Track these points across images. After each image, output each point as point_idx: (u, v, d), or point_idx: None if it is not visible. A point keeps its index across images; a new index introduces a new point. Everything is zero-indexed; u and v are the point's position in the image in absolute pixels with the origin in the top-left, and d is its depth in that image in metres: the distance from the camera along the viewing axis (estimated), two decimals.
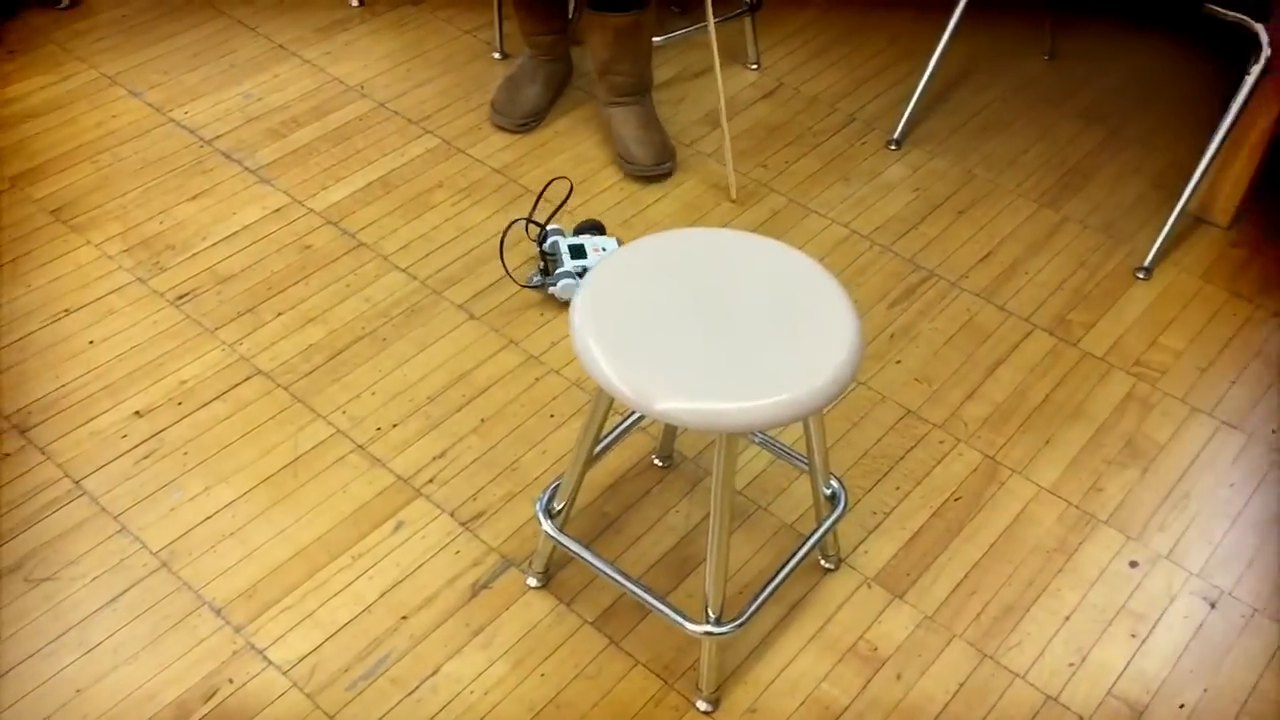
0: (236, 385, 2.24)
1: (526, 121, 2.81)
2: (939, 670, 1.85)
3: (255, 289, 2.42)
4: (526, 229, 2.53)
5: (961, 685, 1.83)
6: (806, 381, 1.50)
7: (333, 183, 2.67)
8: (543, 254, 2.43)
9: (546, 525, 1.85)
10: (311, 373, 2.27)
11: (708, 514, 2.07)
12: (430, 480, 2.11)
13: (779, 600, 1.94)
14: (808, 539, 1.84)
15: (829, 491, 1.89)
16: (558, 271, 2.38)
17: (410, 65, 3.01)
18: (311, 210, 2.60)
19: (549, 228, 2.44)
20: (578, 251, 2.40)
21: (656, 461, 2.15)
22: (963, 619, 1.92)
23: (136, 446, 2.13)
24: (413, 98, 2.91)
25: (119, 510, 2.04)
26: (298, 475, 2.11)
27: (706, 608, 1.72)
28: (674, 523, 2.05)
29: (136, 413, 2.18)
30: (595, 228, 2.48)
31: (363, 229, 2.56)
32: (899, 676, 1.84)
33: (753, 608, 1.75)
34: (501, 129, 2.83)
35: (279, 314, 2.37)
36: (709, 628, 1.72)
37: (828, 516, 1.87)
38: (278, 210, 2.60)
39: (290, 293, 2.42)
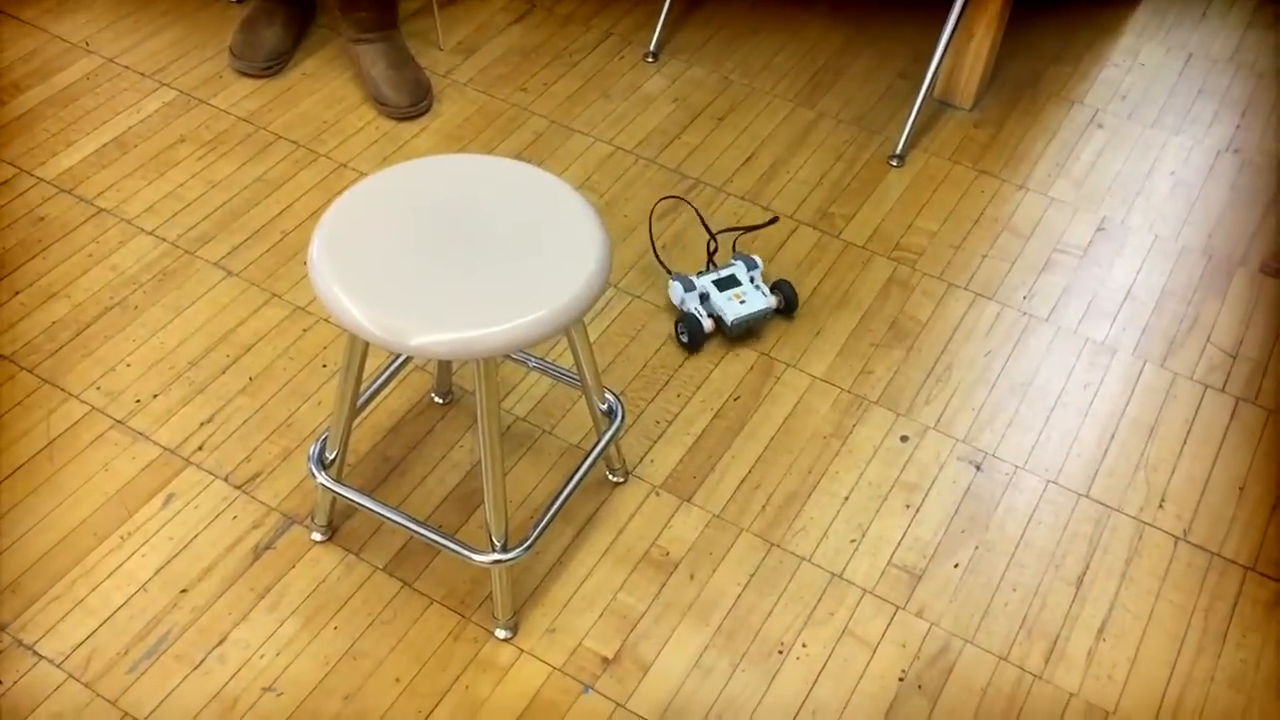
0: None
1: (270, 65, 2.68)
2: (730, 565, 1.90)
3: None
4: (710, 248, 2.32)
5: (752, 575, 1.88)
6: (556, 297, 1.49)
7: (63, 148, 2.50)
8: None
9: (321, 477, 1.80)
10: (58, 351, 2.14)
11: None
12: (199, 448, 2.02)
13: (570, 519, 1.95)
14: (587, 456, 1.84)
15: (605, 407, 1.89)
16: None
17: (137, 16, 2.83)
18: (42, 180, 2.43)
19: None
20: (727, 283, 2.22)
21: (436, 399, 2.11)
22: (749, 513, 1.97)
23: None
24: (144, 50, 2.74)
25: None
26: (54, 459, 1.99)
27: (490, 536, 1.70)
28: (458, 459, 2.03)
29: None
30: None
31: (101, 194, 2.41)
32: (692, 576, 1.88)
33: (537, 531, 1.75)
34: (244, 75, 2.70)
35: (16, 293, 2.22)
36: (496, 556, 1.71)
37: (606, 431, 1.87)
38: (5, 183, 2.42)
39: (27, 269, 2.26)
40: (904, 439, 2.08)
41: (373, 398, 1.91)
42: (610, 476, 2.01)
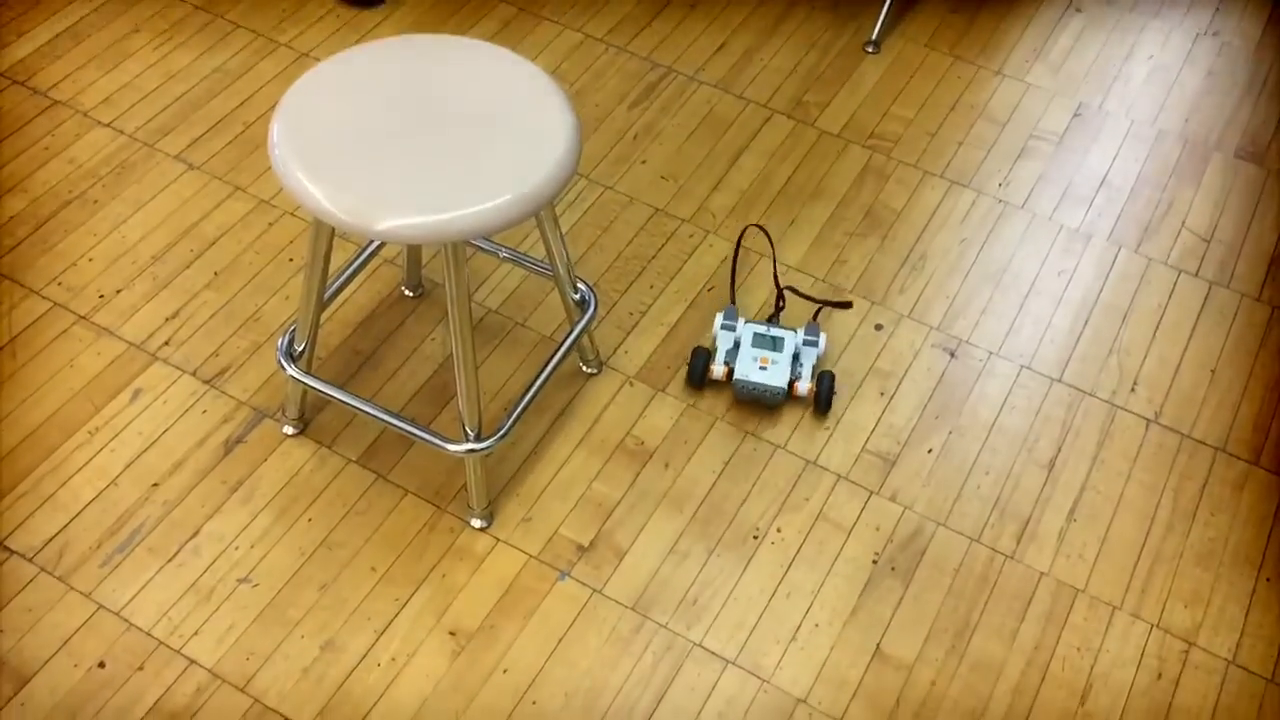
0: None
1: None
2: (704, 453, 1.89)
3: None
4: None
5: (726, 464, 1.88)
6: (526, 179, 1.46)
7: (14, 38, 2.41)
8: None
9: (290, 369, 1.77)
10: (16, 246, 2.09)
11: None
12: (165, 343, 1.99)
13: (545, 410, 1.94)
14: (560, 345, 1.83)
15: (577, 297, 1.87)
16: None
17: None
18: None
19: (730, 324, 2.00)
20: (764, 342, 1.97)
21: (406, 292, 2.08)
22: (722, 402, 1.96)
23: None
24: None
25: None
26: (16, 356, 1.95)
27: (464, 427, 1.69)
28: (430, 351, 2.01)
29: None
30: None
31: (55, 85, 2.33)
32: (667, 465, 1.88)
33: (510, 420, 1.74)
34: None
35: None
36: (470, 445, 1.70)
37: (579, 321, 1.85)
38: None
39: None
40: (878, 327, 2.07)
41: (341, 290, 1.88)
42: (584, 368, 1.99)
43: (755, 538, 1.80)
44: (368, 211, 1.42)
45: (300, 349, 1.77)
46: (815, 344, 1.97)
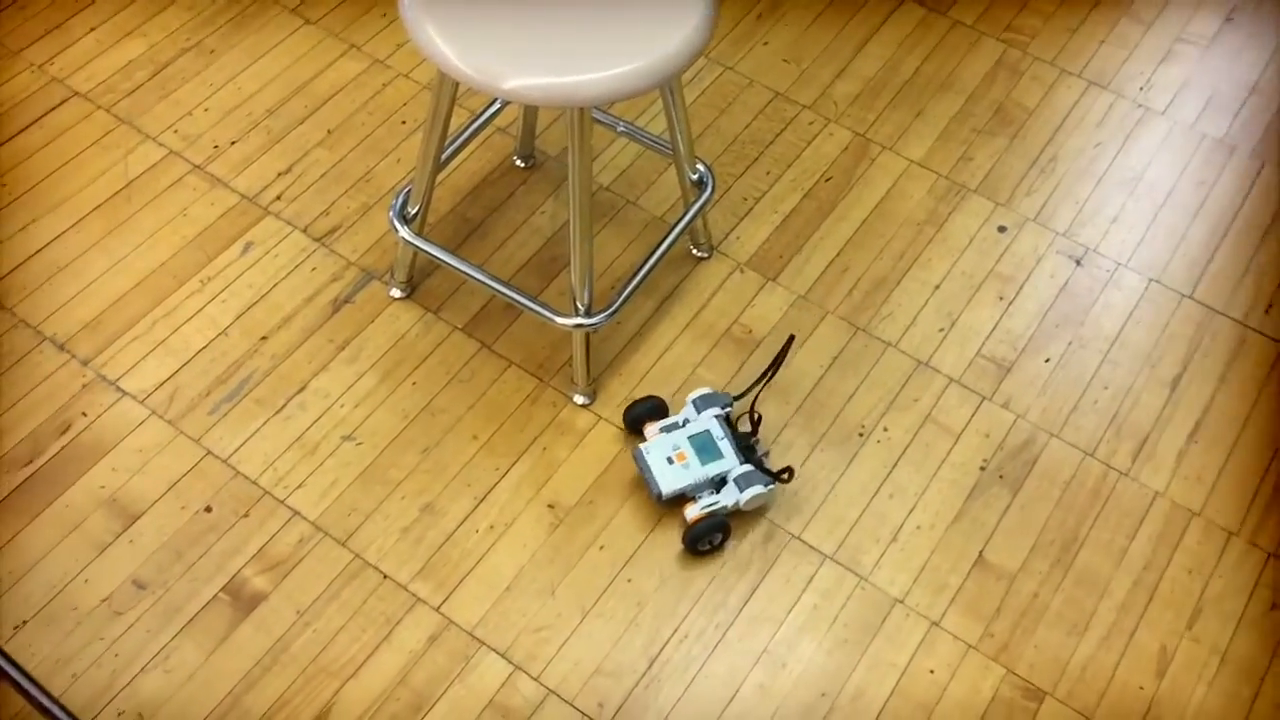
0: (52, 109, 2.05)
1: None
2: (813, 346, 1.85)
3: (62, 2, 2.18)
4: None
5: (835, 358, 1.84)
6: (656, 49, 1.40)
7: None
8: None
9: (403, 231, 1.76)
10: (134, 91, 2.08)
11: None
12: (277, 197, 1.98)
13: (652, 292, 1.90)
14: (676, 225, 1.78)
15: (695, 176, 1.82)
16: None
17: None
18: None
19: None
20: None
21: (518, 162, 2.04)
22: (835, 296, 1.91)
23: None
24: None
25: None
26: (132, 201, 1.96)
27: (574, 300, 1.67)
28: (539, 224, 1.98)
29: None
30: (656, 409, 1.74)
31: None
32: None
33: (620, 298, 1.71)
34: None
35: (91, 29, 2.15)
36: (578, 320, 1.68)
37: (695, 201, 1.81)
38: None
39: (100, 5, 2.18)
40: (1002, 229, 1.99)
41: (453, 157, 1.85)
42: (694, 251, 1.95)
43: (861, 435, 1.77)
44: (496, 70, 1.38)
45: (414, 212, 1.75)
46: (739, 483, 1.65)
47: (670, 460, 1.65)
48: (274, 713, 1.50)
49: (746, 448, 1.67)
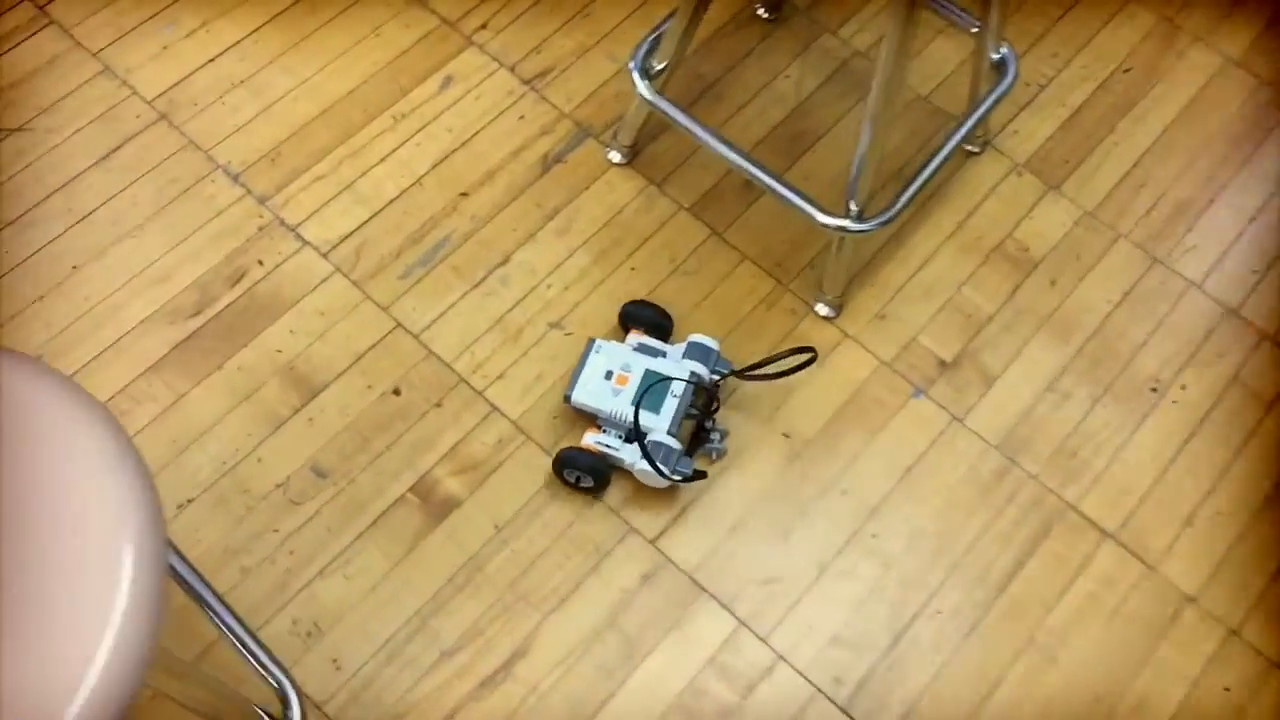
0: None
1: None
2: (1100, 275, 1.57)
3: None
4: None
5: (1126, 294, 1.56)
6: None
7: None
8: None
9: (643, 87, 1.48)
10: None
11: (823, 81, 1.69)
12: (483, 26, 1.70)
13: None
14: (969, 117, 1.48)
15: (997, 56, 1.51)
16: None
17: None
18: None
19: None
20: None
21: (761, 12, 1.73)
22: (1129, 217, 1.61)
23: None
24: None
25: (98, 46, 1.64)
26: (316, 12, 1.69)
27: (849, 199, 1.39)
28: (782, 90, 1.68)
29: None
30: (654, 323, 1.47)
31: None
32: (1053, 282, 1.56)
33: (900, 202, 1.43)
34: None
35: None
36: (846, 222, 1.41)
37: (993, 89, 1.50)
38: None
39: None
40: None
41: None
42: (965, 145, 1.65)
43: (1154, 390, 1.50)
44: None
45: (659, 67, 1.47)
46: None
47: (609, 375, 1.40)
48: (466, 641, 1.32)
49: (697, 428, 1.41)
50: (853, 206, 1.39)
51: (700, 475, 1.37)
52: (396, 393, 1.44)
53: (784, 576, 1.37)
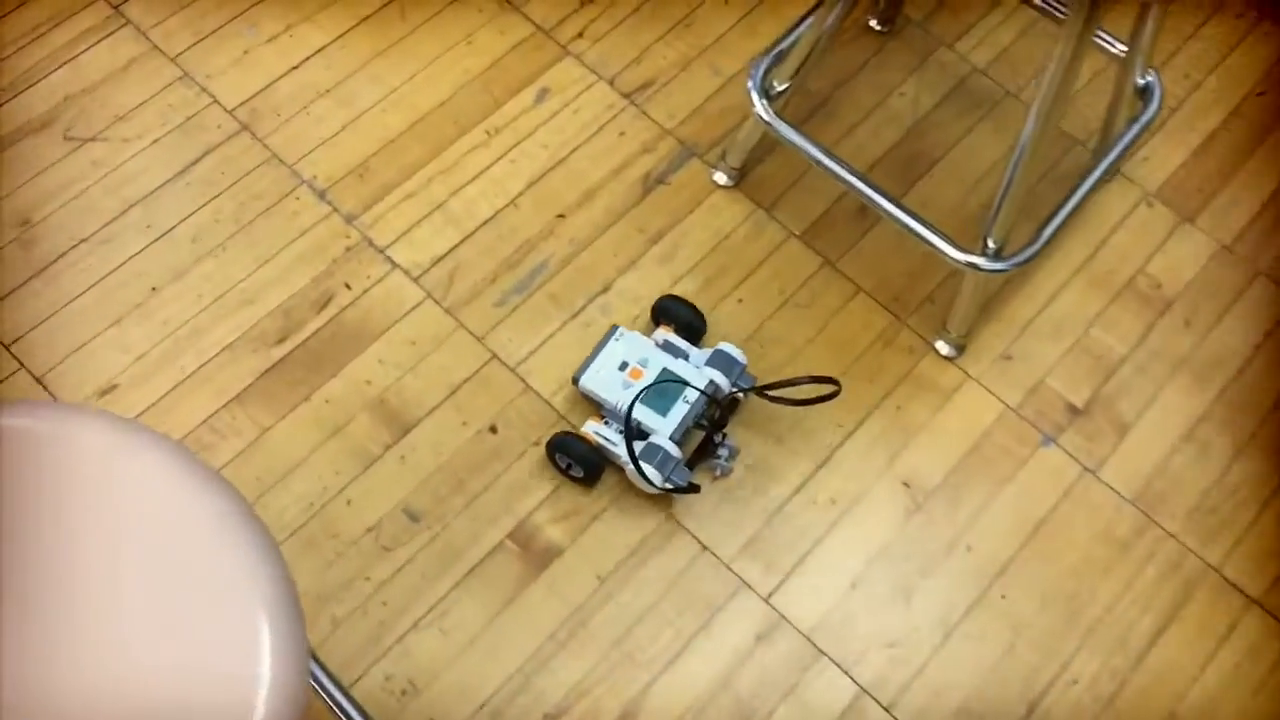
0: None
1: None
2: (1239, 315, 1.47)
3: None
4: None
5: (1268, 334, 1.46)
6: None
7: None
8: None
9: (761, 108, 1.38)
10: None
11: (940, 99, 1.59)
12: (579, 34, 1.61)
13: (1034, 217, 1.51)
14: (1111, 149, 1.38)
15: (1142, 83, 1.40)
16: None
17: None
18: None
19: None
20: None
21: (874, 24, 1.63)
22: (1268, 251, 1.51)
23: None
24: None
25: (176, 50, 1.56)
26: (406, 16, 1.60)
27: (985, 235, 1.29)
28: (897, 109, 1.58)
29: None
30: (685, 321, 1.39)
31: None
32: (1188, 323, 1.46)
33: (1042, 239, 1.33)
34: None
35: None
36: (979, 259, 1.31)
37: (1137, 118, 1.40)
38: None
39: None
40: None
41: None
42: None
43: None
44: None
45: (780, 88, 1.37)
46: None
47: (623, 366, 1.32)
48: (571, 702, 1.23)
49: (705, 439, 1.32)
50: (990, 244, 1.29)
51: (693, 489, 1.29)
52: (493, 430, 1.36)
53: (907, 640, 1.28)
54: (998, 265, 1.31)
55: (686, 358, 1.35)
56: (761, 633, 1.27)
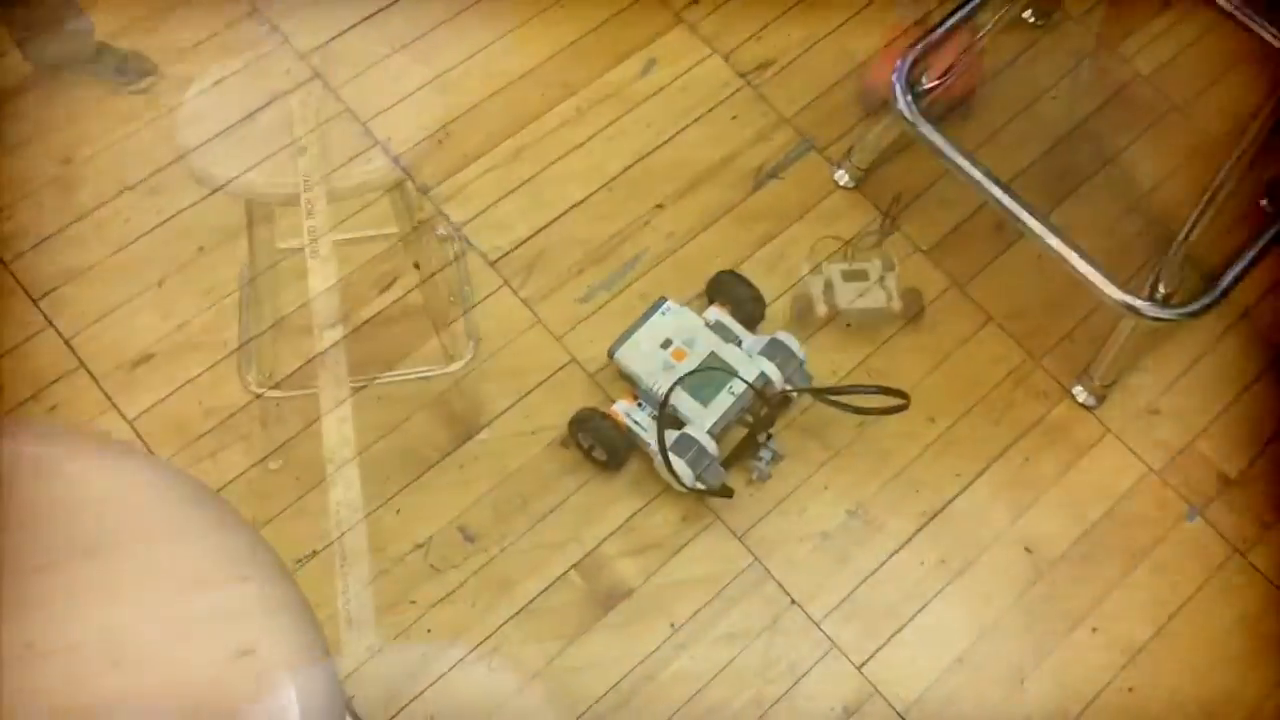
0: None
1: None
2: None
3: None
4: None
5: None
6: None
7: None
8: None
9: (904, 105, 1.20)
10: None
11: (1098, 106, 1.41)
12: (695, 0, 1.43)
13: (1196, 260, 1.33)
14: None
15: None
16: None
17: None
18: None
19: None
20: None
21: (1029, 16, 1.45)
22: None
23: None
24: None
25: None
26: None
27: (1156, 279, 1.12)
28: (1047, 114, 1.40)
29: None
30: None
31: None
32: None
33: (1221, 287, 1.15)
34: None
35: None
36: (1144, 304, 1.13)
37: None
38: None
39: None
40: None
41: None
42: (1264, 204, 1.36)
43: None
44: None
45: (928, 85, 1.20)
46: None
47: (667, 344, 1.16)
48: None
49: (746, 437, 1.16)
50: (1161, 289, 1.11)
51: (726, 492, 1.14)
52: (565, 445, 1.20)
53: None
54: (1163, 314, 1.13)
55: (739, 343, 1.19)
56: (851, 706, 1.12)
